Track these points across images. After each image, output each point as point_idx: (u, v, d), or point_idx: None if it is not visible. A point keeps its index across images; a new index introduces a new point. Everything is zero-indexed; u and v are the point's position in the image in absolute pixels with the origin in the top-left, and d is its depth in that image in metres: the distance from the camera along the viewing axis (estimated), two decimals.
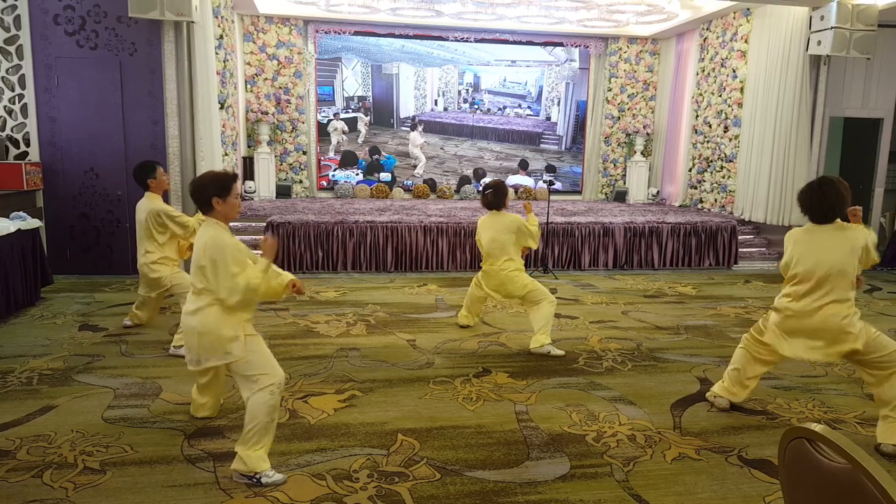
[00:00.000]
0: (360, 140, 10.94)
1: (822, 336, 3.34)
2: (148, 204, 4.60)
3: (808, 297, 3.33)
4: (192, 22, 6.67)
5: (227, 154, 8.23)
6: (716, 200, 9.59)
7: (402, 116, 11.06)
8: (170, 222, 4.58)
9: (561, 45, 11.25)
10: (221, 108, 7.97)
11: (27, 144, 6.76)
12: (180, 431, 3.34)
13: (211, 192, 2.88)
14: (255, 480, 2.82)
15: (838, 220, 3.33)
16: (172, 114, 6.83)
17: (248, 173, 9.88)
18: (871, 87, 8.69)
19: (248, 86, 10.16)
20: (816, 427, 1.24)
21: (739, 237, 8.62)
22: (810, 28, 7.78)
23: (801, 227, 3.46)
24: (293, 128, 10.39)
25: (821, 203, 3.29)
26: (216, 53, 7.72)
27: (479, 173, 11.32)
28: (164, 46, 6.73)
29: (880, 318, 5.96)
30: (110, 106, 6.80)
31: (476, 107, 11.29)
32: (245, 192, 9.61)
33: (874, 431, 3.47)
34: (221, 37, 8.09)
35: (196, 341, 2.92)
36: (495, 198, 4.81)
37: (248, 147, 10.14)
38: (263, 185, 9.95)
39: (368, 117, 10.92)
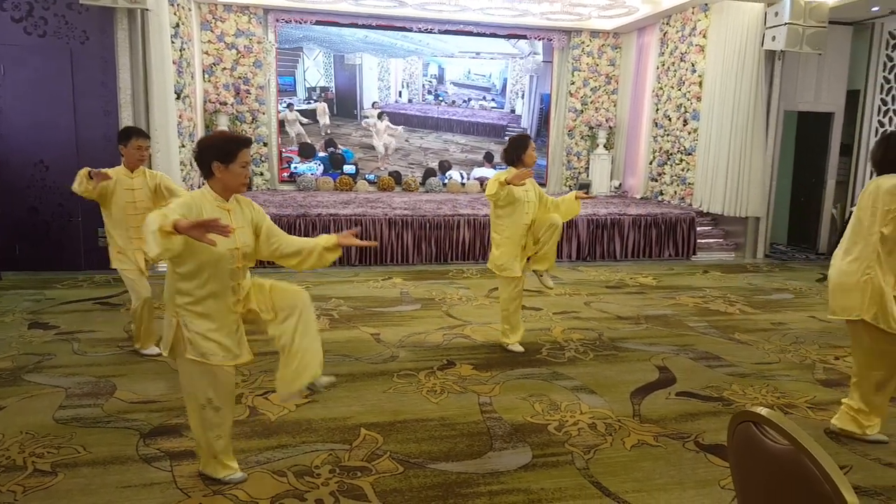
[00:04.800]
0: (323, 132, 10.81)
1: None
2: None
3: None
4: (146, 10, 6.49)
5: (183, 145, 8.05)
6: (675, 192, 9.76)
7: (365, 108, 10.96)
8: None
9: (524, 37, 11.28)
10: (178, 98, 7.78)
11: None
12: (136, 431, 3.26)
13: (212, 154, 2.61)
14: (215, 479, 2.79)
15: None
16: (126, 104, 6.65)
17: None
18: (822, 83, 8.93)
19: (206, 76, 9.94)
20: (762, 410, 1.27)
21: (698, 228, 8.80)
22: (765, 24, 7.96)
23: None
24: (253, 119, 10.21)
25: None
26: (172, 42, 7.53)
27: (444, 166, 11.30)
28: (118, 34, 6.54)
29: None
30: (61, 96, 6.58)
31: (440, 99, 11.26)
32: (202, 184, 9.41)
33: (824, 415, 3.60)
34: (178, 25, 7.89)
35: None
36: (506, 153, 4.46)
37: None
38: None
39: (329, 105, 10.77)
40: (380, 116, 10.99)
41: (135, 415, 3.44)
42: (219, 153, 2.60)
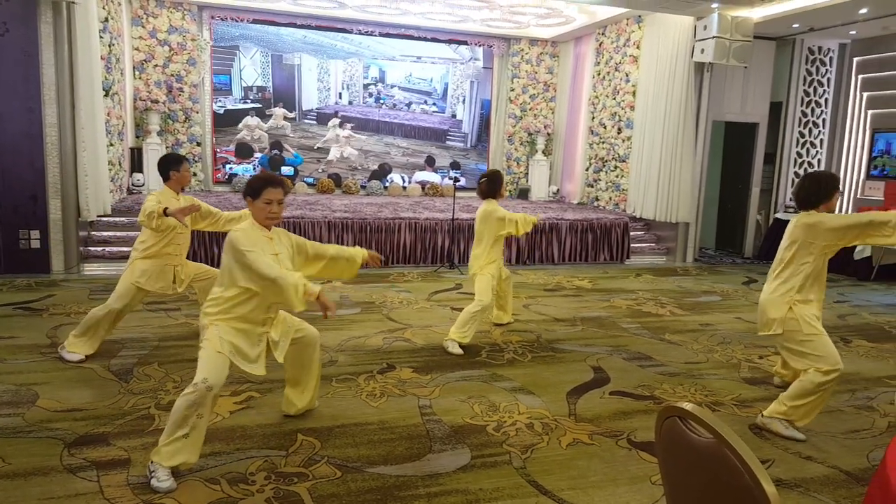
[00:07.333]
0: (268, 134, 10.60)
1: None
2: None
3: None
4: (73, 2, 6.22)
5: (112, 144, 7.75)
6: (610, 198, 10.04)
7: (304, 109, 10.81)
8: None
9: (465, 43, 11.38)
10: (106, 95, 7.49)
11: None
12: (59, 440, 3.11)
13: (246, 191, 3.00)
14: (150, 473, 2.74)
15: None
16: (50, 101, 6.34)
17: (137, 165, 9.34)
18: (748, 94, 9.39)
19: (137, 72, 9.59)
20: (686, 405, 1.32)
21: (631, 233, 9.08)
22: (695, 37, 8.30)
23: None
24: (186, 117, 9.92)
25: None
26: (101, 37, 7.25)
27: (385, 169, 11.27)
28: (41, 28, 6.24)
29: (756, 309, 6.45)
30: None
31: (381, 102, 11.22)
32: (133, 184, 9.08)
33: (749, 412, 3.77)
34: (107, 20, 7.60)
35: None
36: (487, 186, 4.89)
37: (137, 137, 9.58)
38: (153, 177, 9.39)
39: (293, 113, 10.56)
40: (341, 125, 10.89)
41: (58, 424, 3.28)
42: (250, 189, 2.99)
